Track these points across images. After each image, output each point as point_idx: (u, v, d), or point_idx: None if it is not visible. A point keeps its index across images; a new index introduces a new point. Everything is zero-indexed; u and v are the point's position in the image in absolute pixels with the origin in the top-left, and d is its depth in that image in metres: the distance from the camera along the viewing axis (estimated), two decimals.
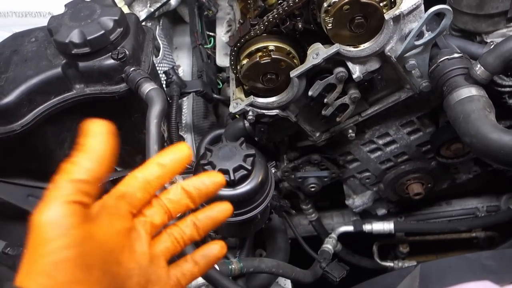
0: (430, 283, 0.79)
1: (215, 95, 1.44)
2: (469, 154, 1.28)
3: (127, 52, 0.98)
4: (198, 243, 0.59)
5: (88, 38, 0.95)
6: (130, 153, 1.22)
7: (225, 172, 0.93)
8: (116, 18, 0.98)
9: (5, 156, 1.08)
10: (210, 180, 0.55)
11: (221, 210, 0.57)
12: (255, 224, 1.10)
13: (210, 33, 1.57)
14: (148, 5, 1.51)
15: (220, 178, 0.56)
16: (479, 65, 0.93)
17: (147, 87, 0.93)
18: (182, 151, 0.55)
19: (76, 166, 0.48)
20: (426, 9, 0.94)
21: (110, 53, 0.98)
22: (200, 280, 0.97)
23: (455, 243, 1.63)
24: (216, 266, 0.97)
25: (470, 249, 1.64)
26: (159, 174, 0.53)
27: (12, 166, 1.10)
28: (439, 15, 0.95)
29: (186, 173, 1.08)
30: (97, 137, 0.51)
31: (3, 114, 0.95)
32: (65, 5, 1.04)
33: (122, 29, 1.00)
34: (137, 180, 0.51)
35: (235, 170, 0.94)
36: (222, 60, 1.48)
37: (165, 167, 0.53)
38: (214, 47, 1.53)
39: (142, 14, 1.46)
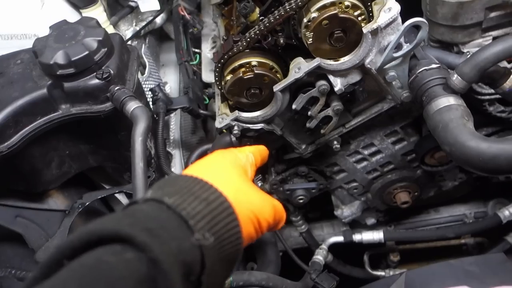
0: None
1: (201, 111, 1.45)
2: (453, 161, 1.30)
3: (112, 72, 1.00)
4: None
5: (73, 59, 0.97)
6: (117, 170, 1.23)
7: None
8: (100, 38, 1.00)
9: None
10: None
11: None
12: None
13: (196, 50, 1.60)
14: (134, 23, 1.53)
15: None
16: (456, 75, 0.95)
17: (132, 106, 0.95)
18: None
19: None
20: (403, 21, 0.97)
21: (95, 73, 0.99)
22: None
23: (445, 250, 1.64)
24: None
25: (460, 256, 1.65)
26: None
27: None
28: (417, 27, 0.97)
29: None
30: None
31: None
32: (50, 27, 1.05)
33: (106, 49, 1.01)
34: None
35: None
36: (208, 76, 1.50)
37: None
38: (200, 63, 1.56)
39: (128, 33, 1.48)
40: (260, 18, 1.12)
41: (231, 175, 0.64)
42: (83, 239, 0.47)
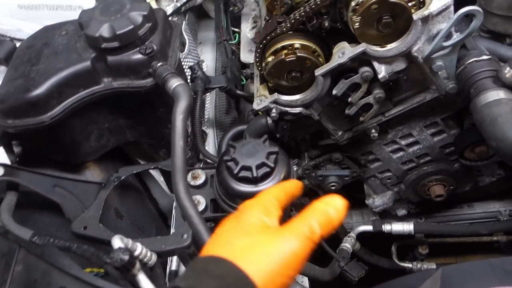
0: (451, 287, 0.79)
1: (238, 91, 1.45)
2: (494, 157, 1.26)
3: (155, 47, 1.00)
4: None
5: (118, 32, 0.97)
6: (153, 146, 1.24)
7: (247, 169, 0.94)
8: (145, 13, 1.00)
9: (33, 147, 1.11)
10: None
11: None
12: None
13: (235, 29, 1.58)
14: (175, 0, 1.52)
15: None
16: (508, 68, 0.91)
17: (174, 83, 0.94)
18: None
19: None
20: (455, 10, 0.93)
21: (138, 48, 0.99)
22: None
23: (475, 247, 1.61)
24: None
25: (491, 253, 1.62)
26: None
27: (40, 156, 1.13)
28: (468, 16, 0.93)
29: (209, 168, 1.09)
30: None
31: (33, 105, 0.98)
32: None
33: (150, 24, 1.01)
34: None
35: (258, 167, 0.94)
36: (246, 56, 1.48)
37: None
38: (238, 43, 1.54)
39: (169, 9, 1.48)
40: None
41: (247, 242, 0.62)
42: None
